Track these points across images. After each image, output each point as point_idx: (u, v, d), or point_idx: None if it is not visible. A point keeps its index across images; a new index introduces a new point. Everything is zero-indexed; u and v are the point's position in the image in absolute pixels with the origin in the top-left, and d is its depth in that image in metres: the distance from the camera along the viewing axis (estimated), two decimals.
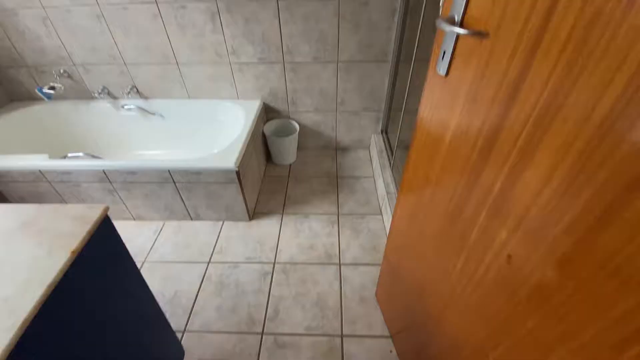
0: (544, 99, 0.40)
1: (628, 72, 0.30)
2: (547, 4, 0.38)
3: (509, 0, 0.44)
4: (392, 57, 1.70)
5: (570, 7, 0.35)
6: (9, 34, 1.67)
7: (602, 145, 0.33)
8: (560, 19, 0.36)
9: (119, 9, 1.57)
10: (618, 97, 0.31)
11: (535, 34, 0.40)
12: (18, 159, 1.46)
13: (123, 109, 1.87)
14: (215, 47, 1.69)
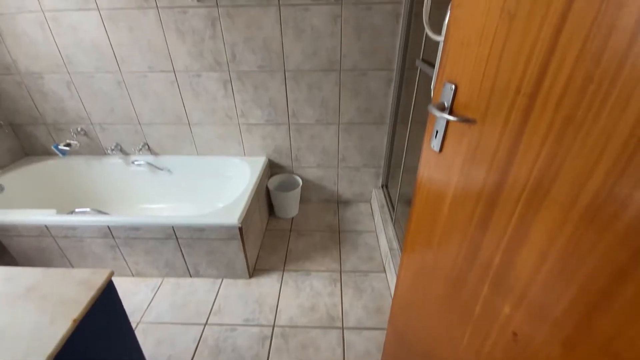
0: (532, 181, 0.44)
1: (613, 155, 0.33)
2: (525, 102, 0.44)
3: (492, 93, 0.50)
4: (389, 120, 1.82)
5: (547, 103, 0.41)
6: (32, 95, 1.82)
7: (590, 229, 0.36)
8: (538, 115, 0.42)
9: (139, 76, 1.73)
10: (601, 184, 0.34)
11: (518, 124, 0.46)
12: (26, 213, 1.49)
13: (133, 165, 1.95)
14: (226, 110, 1.82)
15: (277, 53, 1.64)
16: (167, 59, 1.67)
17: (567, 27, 0.37)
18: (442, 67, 0.61)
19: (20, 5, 1.56)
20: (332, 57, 1.64)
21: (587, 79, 0.36)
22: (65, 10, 1.56)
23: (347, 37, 1.59)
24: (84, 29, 1.60)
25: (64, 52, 1.67)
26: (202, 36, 1.60)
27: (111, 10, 1.55)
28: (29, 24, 1.60)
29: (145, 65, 1.69)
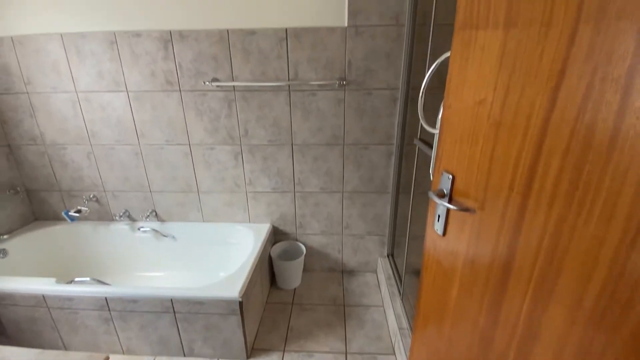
0: (535, 277, 0.45)
1: (607, 260, 0.35)
2: (519, 200, 0.47)
3: (487, 187, 0.54)
4: (392, 189, 1.87)
5: (540, 203, 0.44)
6: (53, 164, 1.92)
7: (599, 331, 0.36)
8: (532, 213, 0.45)
9: (156, 148, 1.85)
10: (602, 287, 0.35)
11: (515, 220, 0.48)
12: (25, 282, 1.46)
13: (139, 231, 1.96)
14: (235, 179, 1.90)
15: (286, 129, 1.77)
16: (184, 134, 1.81)
17: (549, 139, 0.42)
18: (438, 158, 0.66)
19: (57, 86, 1.75)
20: (336, 133, 1.77)
21: (572, 186, 0.39)
22: (97, 92, 1.75)
23: (350, 116, 1.73)
24: (112, 107, 1.77)
25: (89, 127, 1.82)
26: (218, 115, 1.76)
27: (138, 92, 1.73)
28: (62, 102, 1.78)
29: (163, 138, 1.82)
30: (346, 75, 1.65)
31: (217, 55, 1.65)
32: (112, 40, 1.64)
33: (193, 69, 1.68)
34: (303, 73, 1.66)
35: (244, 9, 1.57)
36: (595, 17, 0.35)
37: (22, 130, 1.85)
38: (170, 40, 1.63)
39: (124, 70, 1.69)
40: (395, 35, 1.58)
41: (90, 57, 1.68)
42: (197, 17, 1.59)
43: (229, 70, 1.67)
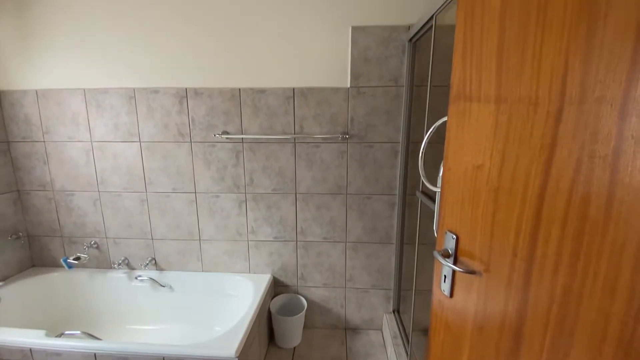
0: (546, 352, 0.43)
1: (615, 334, 0.34)
2: (524, 267, 0.47)
3: (491, 251, 0.54)
4: (396, 240, 1.85)
5: (544, 271, 0.44)
6: (58, 209, 1.94)
7: None
8: (537, 280, 0.45)
9: (162, 196, 1.88)
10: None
11: (522, 286, 0.48)
12: (14, 333, 1.40)
13: (136, 280, 1.91)
14: (238, 227, 1.90)
15: (291, 179, 1.81)
16: (191, 182, 1.85)
17: (546, 208, 0.44)
18: (442, 217, 0.68)
19: (74, 135, 1.84)
20: (339, 183, 1.81)
21: (573, 256, 0.40)
22: (111, 142, 1.83)
23: (353, 167, 1.78)
24: (124, 156, 1.84)
25: (100, 174, 1.88)
26: (225, 164, 1.82)
27: (151, 142, 1.81)
28: (76, 151, 1.86)
29: (170, 187, 1.86)
30: (349, 129, 1.74)
31: (229, 110, 1.76)
32: (131, 95, 1.77)
33: (205, 122, 1.78)
34: (308, 127, 1.75)
35: (256, 71, 1.71)
36: (577, 100, 0.39)
37: (33, 176, 1.91)
38: (186, 97, 1.75)
39: (140, 122, 1.79)
40: (395, 95, 1.69)
41: (109, 110, 1.79)
42: (213, 77, 1.73)
43: (238, 124, 1.77)
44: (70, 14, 1.71)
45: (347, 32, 1.65)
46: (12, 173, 1.89)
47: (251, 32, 1.67)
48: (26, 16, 1.73)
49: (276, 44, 1.68)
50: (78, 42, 1.74)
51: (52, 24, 1.73)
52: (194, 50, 1.71)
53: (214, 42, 1.69)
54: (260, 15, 1.65)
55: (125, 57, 1.73)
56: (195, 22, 1.68)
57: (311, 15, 1.64)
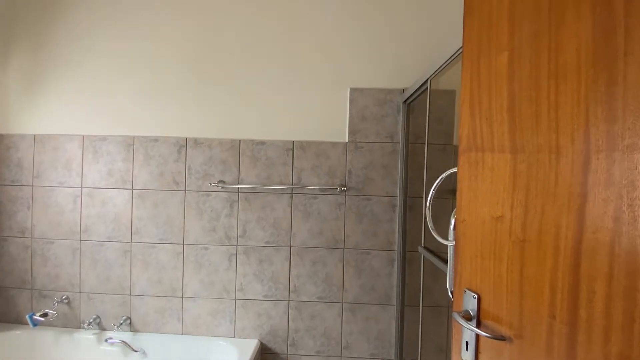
0: None
1: None
2: (566, 331, 0.42)
3: (522, 312, 0.49)
4: (396, 301, 1.73)
5: (592, 336, 0.38)
6: (33, 258, 1.79)
7: None
8: (585, 348, 0.39)
9: (147, 247, 1.77)
10: None
11: (566, 346, 0.42)
12: None
13: (106, 343, 1.69)
14: (225, 283, 1.76)
15: (286, 231, 1.75)
16: (180, 232, 1.76)
17: (585, 262, 0.40)
18: (458, 274, 0.62)
19: (63, 181, 1.78)
20: (336, 236, 1.74)
21: (627, 317, 0.35)
22: (102, 188, 1.77)
23: (350, 220, 1.74)
24: (113, 203, 1.77)
25: (84, 222, 1.78)
26: (219, 214, 1.75)
27: (143, 190, 1.76)
28: (64, 197, 1.78)
29: (157, 237, 1.76)
30: (347, 182, 1.74)
31: (227, 160, 1.75)
32: (130, 143, 1.77)
33: (201, 171, 1.76)
34: (306, 178, 1.74)
35: (257, 124, 1.76)
36: (605, 148, 0.38)
37: (13, 221, 1.79)
38: (185, 146, 1.76)
39: (135, 169, 1.77)
40: (391, 150, 1.73)
41: (105, 156, 1.77)
42: (214, 128, 1.76)
43: (236, 174, 1.75)
44: (76, 62, 1.78)
45: (346, 92, 1.75)
46: None
47: (254, 86, 1.75)
48: (35, 63, 1.79)
49: (278, 99, 1.75)
50: (82, 90, 1.79)
51: (58, 72, 1.79)
52: (196, 102, 1.76)
53: (216, 94, 1.76)
54: (264, 71, 1.75)
55: (128, 106, 1.78)
56: (199, 74, 1.76)
57: (312, 75, 1.75)
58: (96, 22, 1.78)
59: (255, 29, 1.75)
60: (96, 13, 1.78)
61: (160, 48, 1.77)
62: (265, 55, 1.75)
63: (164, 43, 1.77)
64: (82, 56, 1.78)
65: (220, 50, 1.76)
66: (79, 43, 1.78)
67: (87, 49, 1.78)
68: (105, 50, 1.78)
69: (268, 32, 1.75)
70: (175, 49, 1.77)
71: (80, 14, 1.78)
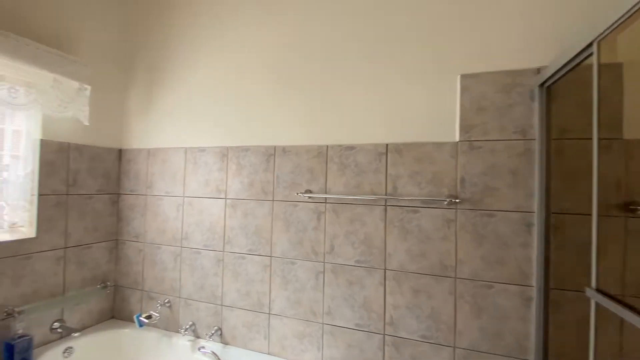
0: None
1: None
2: None
3: None
4: (534, 357, 1.26)
5: None
6: (145, 261, 1.96)
7: None
8: None
9: (237, 257, 1.74)
10: None
11: None
12: None
13: (199, 352, 1.70)
14: (312, 303, 1.59)
15: (379, 249, 1.48)
16: (267, 244, 1.68)
17: None
18: None
19: (170, 191, 1.91)
20: (444, 261, 1.39)
21: None
22: (201, 198, 1.84)
23: (464, 242, 1.37)
24: (209, 212, 1.82)
25: (185, 229, 1.87)
26: (305, 226, 1.61)
27: (235, 199, 1.76)
28: (169, 205, 1.91)
29: (246, 247, 1.72)
30: (458, 192, 1.38)
31: (314, 168, 1.61)
32: (224, 153, 1.80)
33: (288, 180, 1.65)
34: (403, 188, 1.46)
35: (345, 127, 1.57)
36: None
37: (131, 227, 2.01)
38: (274, 154, 1.69)
39: (228, 179, 1.78)
40: (523, 150, 1.30)
41: (203, 166, 1.84)
42: (300, 135, 1.65)
43: (322, 183, 1.59)
44: (179, 83, 1.93)
45: (455, 80, 1.41)
46: (115, 223, 2.04)
47: (341, 86, 1.58)
48: (148, 88, 2.01)
49: (368, 97, 1.54)
50: (183, 106, 1.91)
51: (164, 93, 1.96)
52: (283, 108, 1.69)
53: (302, 98, 1.66)
54: (352, 68, 1.57)
55: (222, 118, 1.82)
56: (285, 79, 1.69)
57: (408, 65, 1.48)
58: (194, 44, 1.90)
59: (340, 25, 1.60)
60: (195, 38, 1.90)
61: (247, 59, 1.78)
62: (353, 51, 1.57)
63: (251, 54, 1.77)
64: (183, 77, 1.93)
65: (304, 54, 1.66)
66: (181, 65, 1.93)
67: (187, 69, 1.91)
68: (200, 68, 1.89)
69: (354, 25, 1.57)
70: (260, 59, 1.75)
71: (182, 39, 1.93)
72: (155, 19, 2.02)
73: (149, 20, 2.04)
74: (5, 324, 1.47)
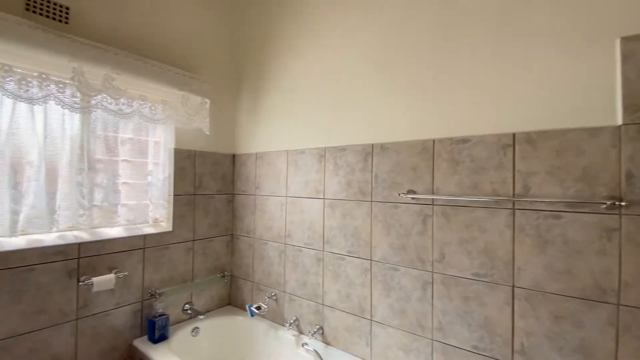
0: None
1: None
2: None
3: None
4: None
5: None
6: (254, 255, 2.13)
7: None
8: None
9: (337, 258, 1.72)
10: None
11: None
12: None
13: (302, 348, 1.75)
14: (419, 315, 1.44)
15: (504, 262, 1.24)
16: (367, 247, 1.60)
17: None
18: None
19: (274, 191, 2.03)
20: (601, 283, 1.06)
21: None
22: (301, 198, 1.89)
23: (632, 258, 1.01)
24: (309, 212, 1.85)
25: (288, 227, 1.95)
26: (408, 231, 1.47)
27: (333, 200, 1.74)
28: (274, 204, 2.03)
29: (345, 249, 1.68)
30: (622, 192, 1.04)
31: (418, 165, 1.46)
32: (322, 154, 1.80)
33: (388, 180, 1.54)
34: (538, 187, 1.18)
35: (457, 117, 1.37)
36: None
37: (243, 224, 2.22)
38: (371, 153, 1.60)
39: (326, 180, 1.78)
40: None
41: (303, 168, 1.89)
42: (401, 130, 1.52)
43: (428, 182, 1.43)
44: (281, 89, 2.01)
45: (612, 45, 1.07)
46: (231, 220, 2.28)
47: (450, 68, 1.38)
48: (255, 97, 2.17)
49: (486, 79, 1.30)
50: (285, 111, 2.00)
51: (270, 100, 2.08)
52: (381, 103, 1.58)
53: (403, 88, 1.52)
54: (467, 43, 1.34)
55: (320, 119, 1.82)
56: (383, 70, 1.57)
57: (544, 30, 1.18)
58: (293, 53, 1.96)
59: None
60: (293, 47, 1.96)
61: (345, 57, 1.73)
62: (469, 24, 1.35)
63: (349, 52, 1.71)
64: (283, 84, 2.01)
65: (406, 34, 1.51)
66: (281, 73, 2.02)
67: (287, 77, 1.99)
68: (299, 75, 1.93)
69: None
70: (360, 53, 1.67)
71: (282, 51, 2.02)
72: (259, 37, 2.18)
73: (254, 39, 2.21)
74: (149, 303, 1.79)
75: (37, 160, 1.41)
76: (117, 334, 1.67)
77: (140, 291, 1.77)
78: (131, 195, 1.76)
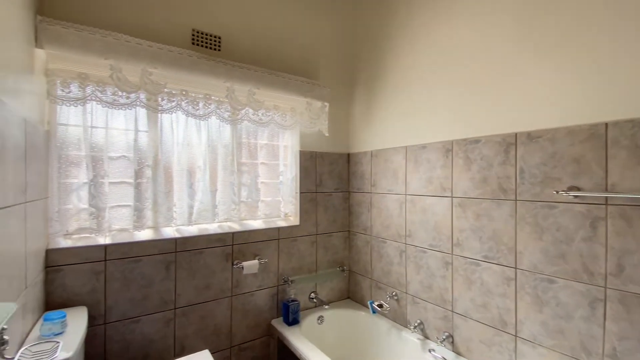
0: None
1: None
2: None
3: None
4: None
5: None
6: (372, 253, 2.14)
7: None
8: None
9: (470, 263, 1.57)
10: None
11: None
12: None
13: (429, 354, 1.66)
14: (583, 338, 1.18)
15: None
16: (510, 253, 1.41)
17: None
18: None
19: (392, 189, 1.99)
20: None
21: None
22: (423, 196, 1.80)
23: None
24: (433, 211, 1.75)
25: (408, 227, 1.89)
26: (570, 236, 1.22)
27: (463, 198, 1.59)
28: (392, 202, 1.99)
29: (481, 253, 1.52)
30: None
31: (583, 156, 1.20)
32: (448, 148, 1.67)
33: (539, 175, 1.32)
34: None
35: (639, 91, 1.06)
36: None
37: (359, 221, 2.26)
38: (514, 143, 1.40)
39: (454, 176, 1.64)
40: None
41: (425, 164, 1.79)
42: (557, 114, 1.27)
43: (599, 177, 1.15)
44: (396, 84, 1.94)
45: None
46: (347, 216, 2.35)
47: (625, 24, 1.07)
48: (370, 96, 2.17)
49: None
50: (402, 106, 1.92)
51: (384, 98, 2.04)
52: (527, 82, 1.35)
53: (556, 59, 1.25)
54: None
55: (444, 111, 1.70)
56: (528, 42, 1.33)
57: None
58: (408, 42, 1.87)
59: None
60: (407, 36, 1.87)
61: (483, 29, 1.55)
62: None
63: (491, 20, 1.53)
64: (396, 79, 1.94)
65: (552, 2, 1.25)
66: (394, 66, 1.95)
67: (400, 70, 1.91)
68: (414, 64, 1.83)
69: None
70: (504, 18, 1.47)
71: (394, 42, 1.95)
72: (370, 40, 2.17)
73: (366, 42, 2.22)
74: (283, 288, 2.00)
75: (202, 164, 1.74)
76: (259, 313, 1.93)
77: (276, 277, 2.00)
78: (267, 193, 2.01)
